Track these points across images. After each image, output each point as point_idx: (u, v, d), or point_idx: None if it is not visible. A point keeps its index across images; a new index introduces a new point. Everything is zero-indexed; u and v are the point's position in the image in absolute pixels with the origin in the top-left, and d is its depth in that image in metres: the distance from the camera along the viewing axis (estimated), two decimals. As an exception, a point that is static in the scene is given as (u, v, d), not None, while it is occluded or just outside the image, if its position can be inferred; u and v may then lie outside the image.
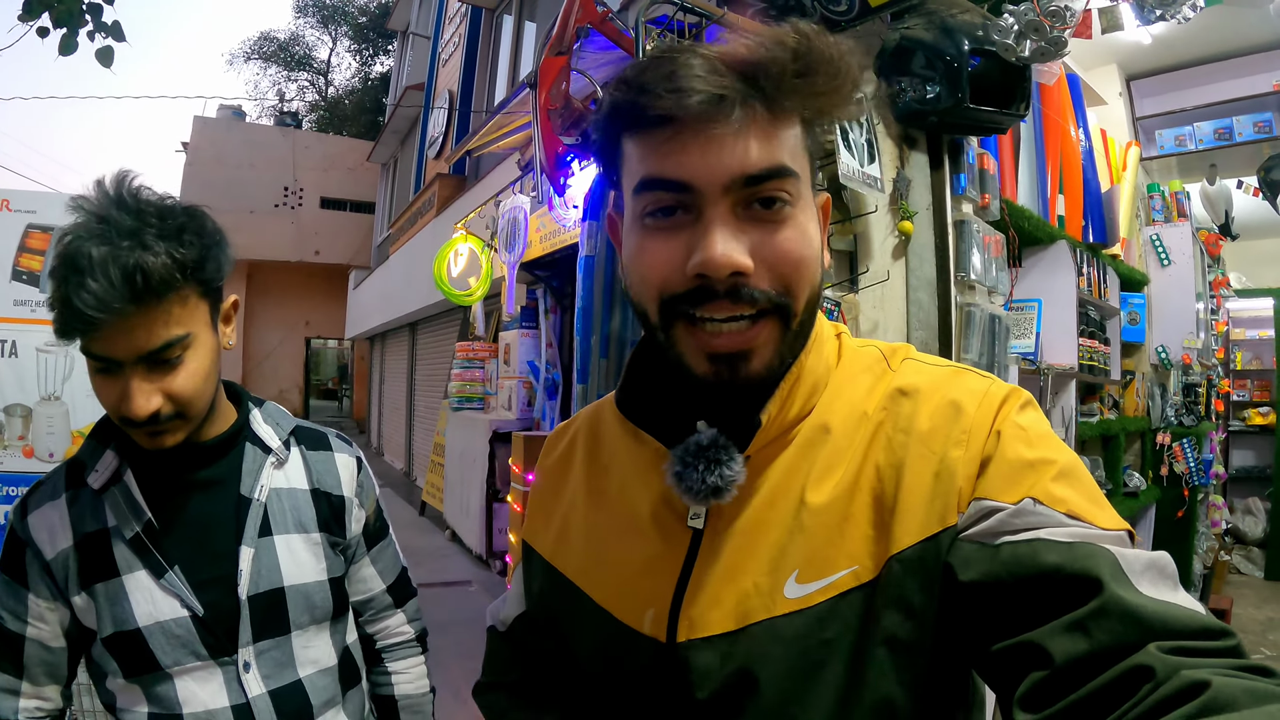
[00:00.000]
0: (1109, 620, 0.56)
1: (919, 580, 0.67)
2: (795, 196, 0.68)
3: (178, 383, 1.05)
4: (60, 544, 1.11)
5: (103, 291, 0.96)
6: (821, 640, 0.69)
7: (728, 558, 0.72)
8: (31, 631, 1.11)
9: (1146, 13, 2.40)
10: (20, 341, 2.81)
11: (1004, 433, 0.68)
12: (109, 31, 4.06)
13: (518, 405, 6.88)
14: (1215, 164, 5.11)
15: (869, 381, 0.76)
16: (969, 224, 2.45)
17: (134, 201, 1.03)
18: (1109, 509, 0.66)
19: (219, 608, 1.11)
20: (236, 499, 1.16)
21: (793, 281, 0.68)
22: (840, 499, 0.71)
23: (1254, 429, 7.53)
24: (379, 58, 27.80)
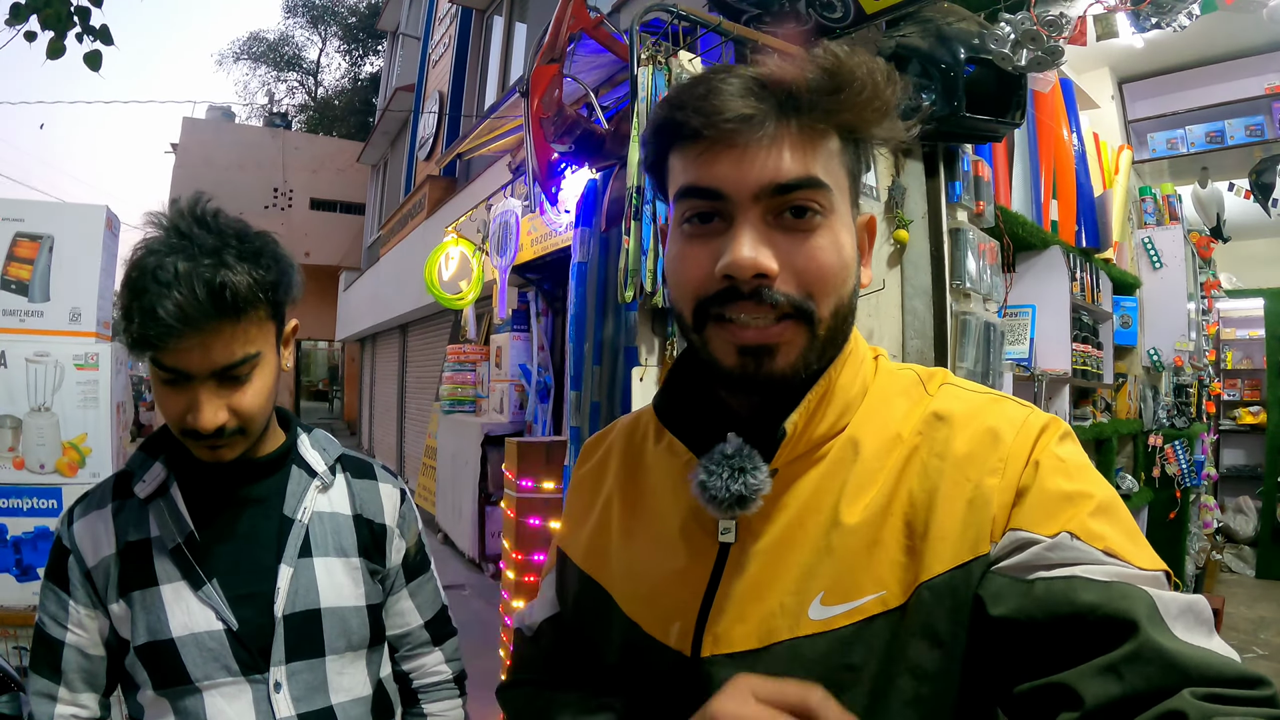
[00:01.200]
0: (1143, 665, 0.55)
1: (948, 609, 0.66)
2: (827, 208, 0.70)
3: (246, 399, 1.07)
4: (103, 552, 1.12)
5: (188, 304, 0.98)
6: (844, 665, 0.68)
7: (754, 575, 0.72)
8: (71, 638, 1.13)
9: (1142, 21, 2.40)
10: (9, 352, 2.78)
11: (1042, 463, 0.67)
12: (97, 35, 4.03)
13: (509, 408, 6.86)
14: (1207, 167, 5.13)
15: (905, 405, 0.76)
16: (964, 232, 2.45)
17: (214, 222, 1.07)
18: (1147, 547, 0.65)
19: (254, 624, 1.11)
20: (279, 519, 1.17)
21: (817, 288, 0.69)
22: (870, 522, 0.70)
23: (1245, 428, 7.57)
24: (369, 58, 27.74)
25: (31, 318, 2.84)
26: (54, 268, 2.85)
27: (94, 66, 4.05)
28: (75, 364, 2.82)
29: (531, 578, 3.81)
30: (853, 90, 0.68)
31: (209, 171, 18.84)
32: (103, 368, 2.83)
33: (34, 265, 2.86)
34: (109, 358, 2.84)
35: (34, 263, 2.86)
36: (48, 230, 2.86)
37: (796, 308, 0.69)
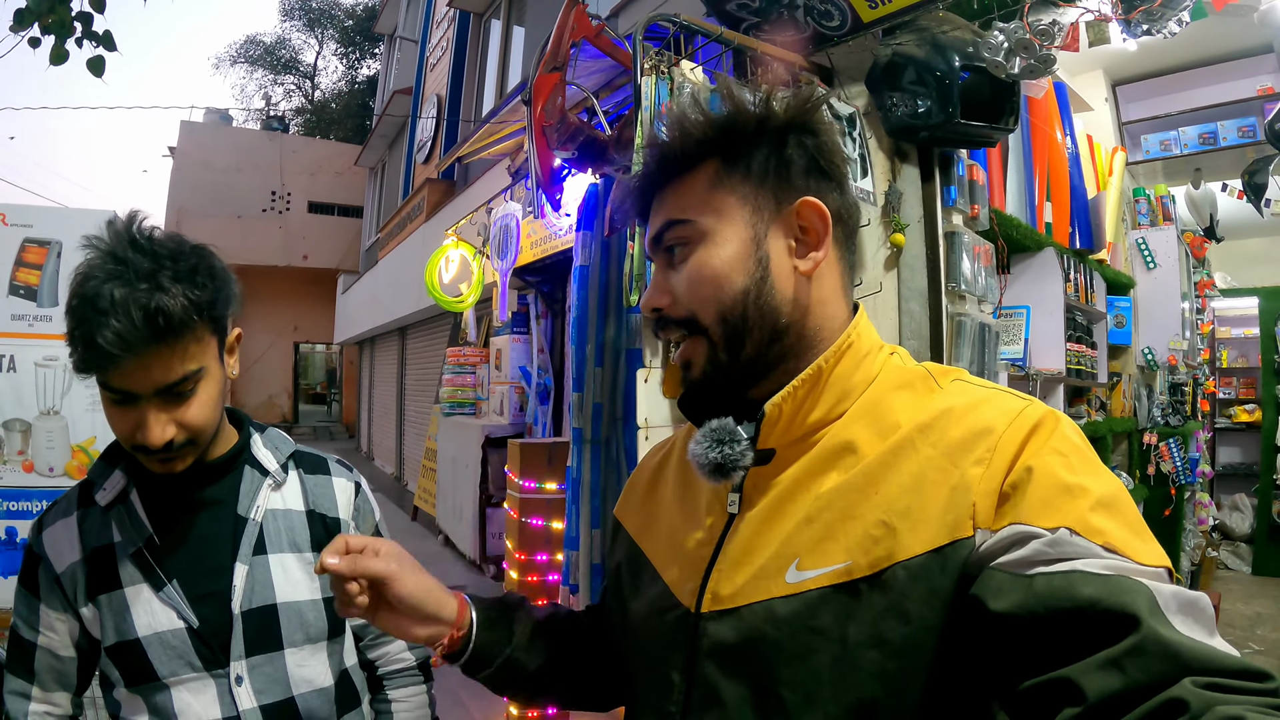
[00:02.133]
0: (1145, 658, 0.55)
1: (922, 590, 0.69)
2: (695, 237, 0.83)
3: (190, 413, 1.11)
4: (70, 558, 1.17)
5: (126, 331, 1.02)
6: (810, 626, 0.73)
7: (748, 541, 0.80)
8: (42, 640, 1.18)
9: (1134, 29, 2.44)
10: (18, 356, 2.81)
11: (1040, 456, 0.69)
12: (100, 40, 4.05)
13: (510, 410, 6.89)
14: (1200, 168, 5.17)
15: (908, 398, 0.80)
16: (959, 235, 2.49)
17: (148, 243, 1.09)
18: (1150, 541, 0.66)
19: (214, 621, 1.16)
20: (234, 518, 1.22)
21: (695, 305, 0.82)
22: (850, 496, 0.75)
23: (1240, 426, 7.61)
24: (366, 61, 27.73)
25: (40, 322, 2.87)
26: (62, 273, 2.89)
27: (97, 72, 4.07)
28: (84, 368, 2.85)
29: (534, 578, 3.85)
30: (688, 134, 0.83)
31: (207, 175, 18.85)
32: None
33: (42, 270, 2.90)
34: (117, 362, 2.87)
35: (42, 268, 2.90)
36: (55, 236, 2.90)
37: (686, 326, 0.83)
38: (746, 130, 0.82)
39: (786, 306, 0.81)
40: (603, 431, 3.14)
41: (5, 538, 2.79)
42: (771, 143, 0.83)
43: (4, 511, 2.80)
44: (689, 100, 0.88)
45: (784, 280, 0.82)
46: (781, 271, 0.82)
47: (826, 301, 0.84)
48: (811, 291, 0.83)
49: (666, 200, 0.85)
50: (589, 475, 3.14)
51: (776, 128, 0.83)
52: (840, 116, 2.37)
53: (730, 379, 0.83)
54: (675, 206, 0.84)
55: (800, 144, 0.83)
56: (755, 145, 0.83)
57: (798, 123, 0.83)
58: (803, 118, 0.83)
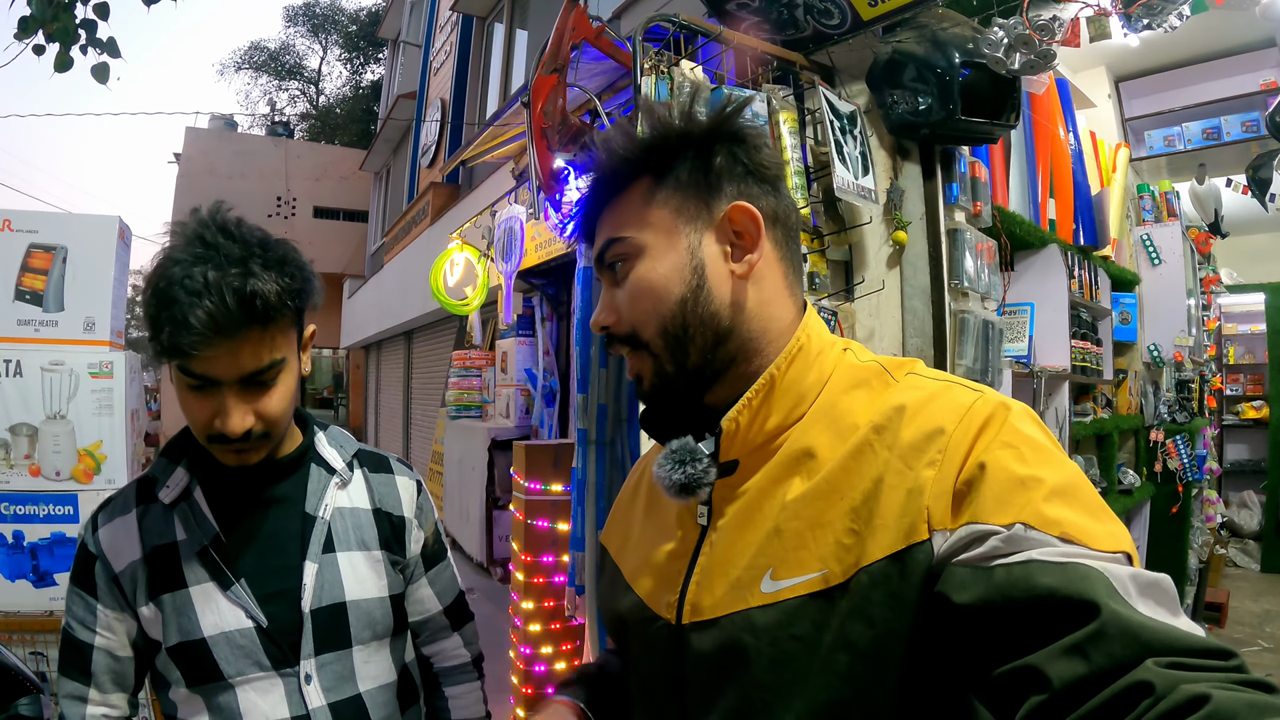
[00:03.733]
0: (1107, 642, 0.56)
1: (883, 594, 0.70)
2: (632, 252, 0.85)
3: (271, 404, 1.11)
4: (130, 556, 1.16)
5: (219, 313, 1.01)
6: (791, 635, 0.74)
7: (721, 552, 0.82)
8: (100, 641, 1.17)
9: (1134, 23, 2.44)
10: (25, 361, 2.82)
11: (991, 451, 0.69)
12: (104, 48, 4.06)
13: (516, 413, 6.90)
14: (1204, 163, 5.15)
15: (864, 396, 0.80)
16: (962, 232, 2.49)
17: (238, 231, 1.09)
18: (1108, 523, 0.66)
19: (283, 620, 1.16)
20: (302, 516, 1.22)
21: (635, 320, 0.84)
22: (817, 505, 0.76)
23: (1248, 423, 7.58)
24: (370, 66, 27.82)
25: (46, 327, 2.89)
26: (68, 278, 2.91)
27: (101, 79, 4.09)
28: (90, 372, 2.87)
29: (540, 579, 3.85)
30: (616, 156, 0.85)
31: (212, 181, 18.90)
32: (117, 376, 2.88)
33: (48, 276, 2.91)
34: (123, 366, 2.89)
35: (48, 273, 2.91)
36: (61, 241, 2.92)
37: (628, 341, 0.85)
38: (670, 144, 0.85)
39: (726, 310, 0.83)
40: (608, 432, 3.14)
41: (12, 541, 2.80)
42: (697, 153, 0.85)
43: (11, 515, 2.81)
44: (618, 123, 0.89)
45: (721, 285, 0.83)
46: (718, 277, 0.83)
47: (769, 302, 0.85)
48: (752, 293, 0.84)
49: (605, 220, 0.88)
50: (594, 476, 3.13)
51: (699, 138, 0.84)
52: (842, 114, 2.36)
53: (679, 389, 0.85)
54: (613, 225, 0.87)
55: (728, 151, 0.85)
56: (681, 157, 0.85)
57: (721, 130, 0.85)
58: (724, 125, 0.85)
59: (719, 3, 2.54)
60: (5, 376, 2.83)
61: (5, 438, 2.81)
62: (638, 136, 0.86)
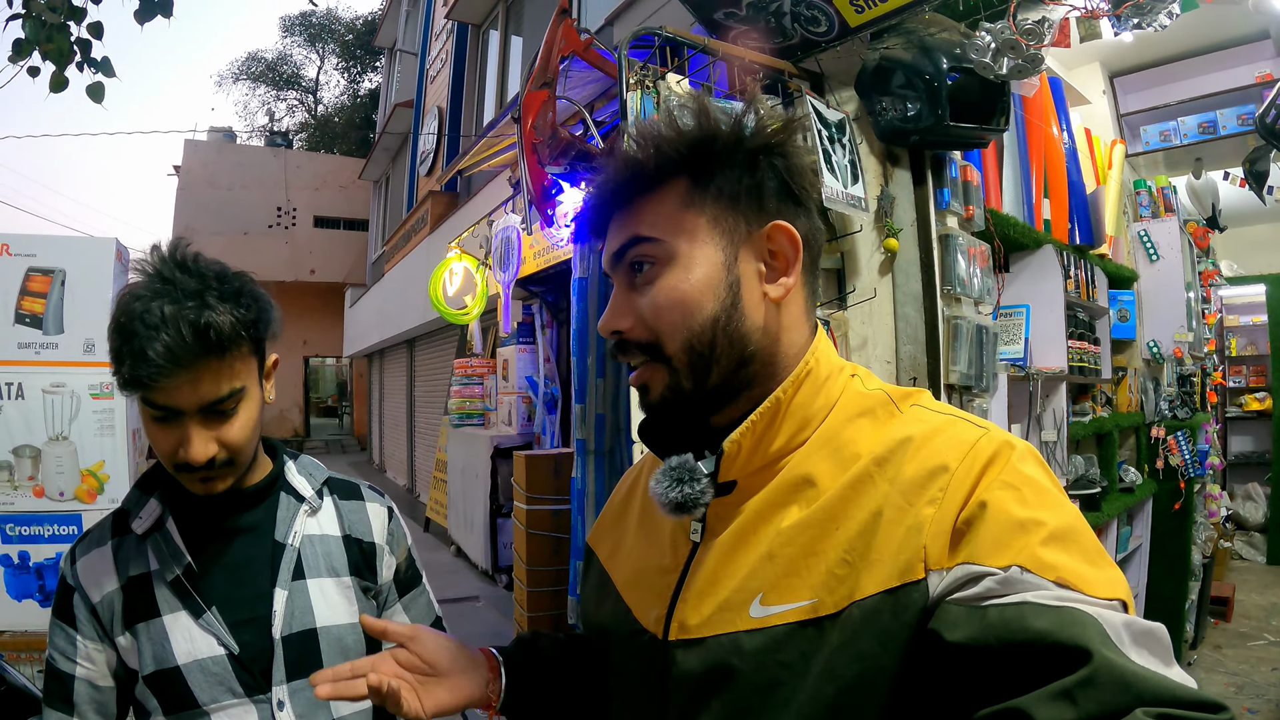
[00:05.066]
0: (1097, 689, 0.55)
1: (874, 630, 0.69)
2: (663, 257, 0.81)
3: (232, 432, 1.14)
4: (107, 587, 1.18)
5: (176, 344, 1.05)
6: (778, 662, 0.73)
7: (712, 571, 0.81)
8: (80, 671, 1.18)
9: (1124, 23, 2.44)
10: (26, 384, 2.84)
11: (992, 491, 0.69)
12: (99, 67, 4.08)
13: (518, 420, 6.91)
14: (1201, 158, 5.14)
15: (868, 425, 0.79)
16: (954, 237, 2.49)
17: (195, 265, 1.13)
18: (1106, 569, 0.66)
19: (254, 647, 1.17)
20: (272, 544, 1.23)
21: (660, 329, 0.80)
22: (811, 533, 0.75)
23: (1251, 414, 7.56)
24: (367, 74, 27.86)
25: (46, 350, 2.90)
26: (66, 300, 2.92)
27: (97, 99, 4.11)
28: (91, 393, 2.88)
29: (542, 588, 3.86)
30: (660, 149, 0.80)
31: (212, 193, 18.97)
32: (118, 396, 2.89)
33: (47, 299, 2.93)
34: (123, 387, 2.90)
35: (47, 296, 2.93)
36: (59, 264, 2.93)
37: (647, 351, 0.81)
38: (720, 149, 0.80)
39: (756, 334, 0.81)
40: (606, 442, 3.15)
41: (18, 562, 2.82)
42: (744, 164, 0.81)
43: (16, 536, 2.83)
44: (664, 114, 0.83)
45: (754, 307, 0.81)
46: (752, 298, 0.81)
47: (791, 327, 0.83)
48: (779, 319, 0.82)
49: (632, 216, 0.83)
50: (593, 485, 3.15)
51: (751, 149, 0.81)
52: (830, 123, 2.37)
53: (692, 406, 0.82)
54: (643, 223, 0.82)
55: (772, 166, 0.82)
56: (727, 165, 0.81)
57: (773, 145, 0.81)
58: (778, 140, 0.81)
59: (706, 12, 2.55)
60: (7, 399, 2.84)
61: (9, 459, 2.83)
62: (685, 131, 0.81)
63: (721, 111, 0.82)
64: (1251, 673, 4.51)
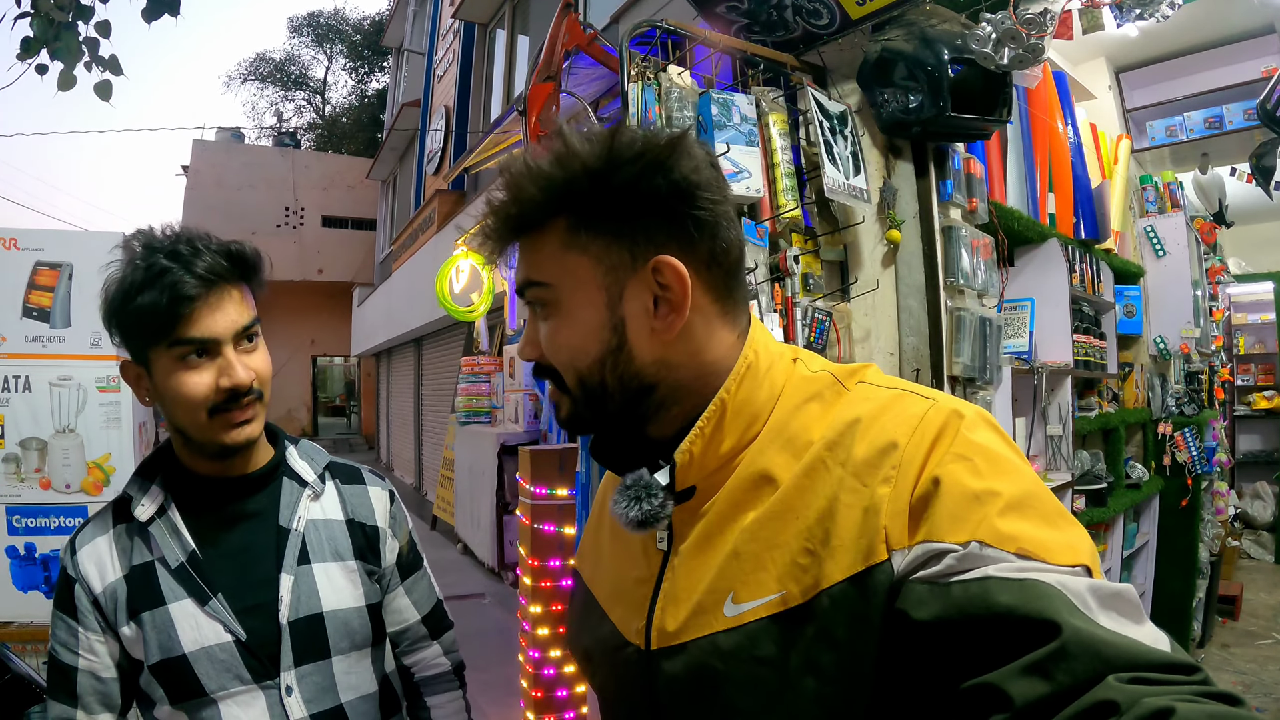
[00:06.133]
0: (1069, 660, 0.55)
1: (846, 616, 0.69)
2: (552, 300, 0.80)
3: (259, 361, 1.18)
4: (109, 577, 1.17)
5: (215, 264, 1.11)
6: (756, 658, 0.73)
7: (683, 577, 0.80)
8: (83, 663, 1.17)
9: (1125, 13, 2.44)
10: (34, 376, 2.87)
11: (944, 465, 0.68)
12: (106, 65, 4.10)
13: (524, 418, 6.92)
14: (1207, 153, 5.11)
15: (817, 409, 0.79)
16: (957, 229, 2.49)
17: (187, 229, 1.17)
18: (1068, 532, 0.65)
19: (261, 633, 1.17)
20: (276, 530, 1.23)
21: (555, 360, 0.82)
22: (772, 526, 0.75)
23: (1260, 413, 7.53)
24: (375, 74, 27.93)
25: (54, 343, 2.93)
26: (74, 294, 2.95)
27: (104, 97, 4.13)
28: (98, 386, 2.91)
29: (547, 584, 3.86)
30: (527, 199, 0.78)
31: (220, 193, 19.02)
32: (124, 389, 2.91)
33: (54, 293, 2.95)
34: (130, 380, 2.92)
35: (54, 290, 2.95)
36: (66, 258, 2.96)
37: (552, 378, 0.84)
38: (588, 186, 0.76)
39: (650, 369, 0.79)
40: (610, 436, 3.14)
41: (24, 553, 2.84)
42: (620, 194, 0.76)
43: (23, 528, 2.85)
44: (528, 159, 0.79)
45: (643, 343, 0.79)
46: (639, 335, 0.78)
47: (700, 350, 0.80)
48: (681, 347, 0.80)
49: (523, 256, 0.82)
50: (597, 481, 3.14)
51: (623, 179, 0.76)
52: (832, 114, 2.37)
53: (599, 427, 0.85)
54: (530, 266, 0.81)
55: (653, 189, 0.76)
56: (601, 199, 0.76)
57: (649, 166, 0.75)
58: (656, 158, 0.75)
59: (709, 6, 2.55)
60: (15, 392, 2.87)
61: (16, 452, 2.86)
62: (551, 176, 0.77)
63: (587, 141, 0.77)
64: (1259, 671, 4.49)
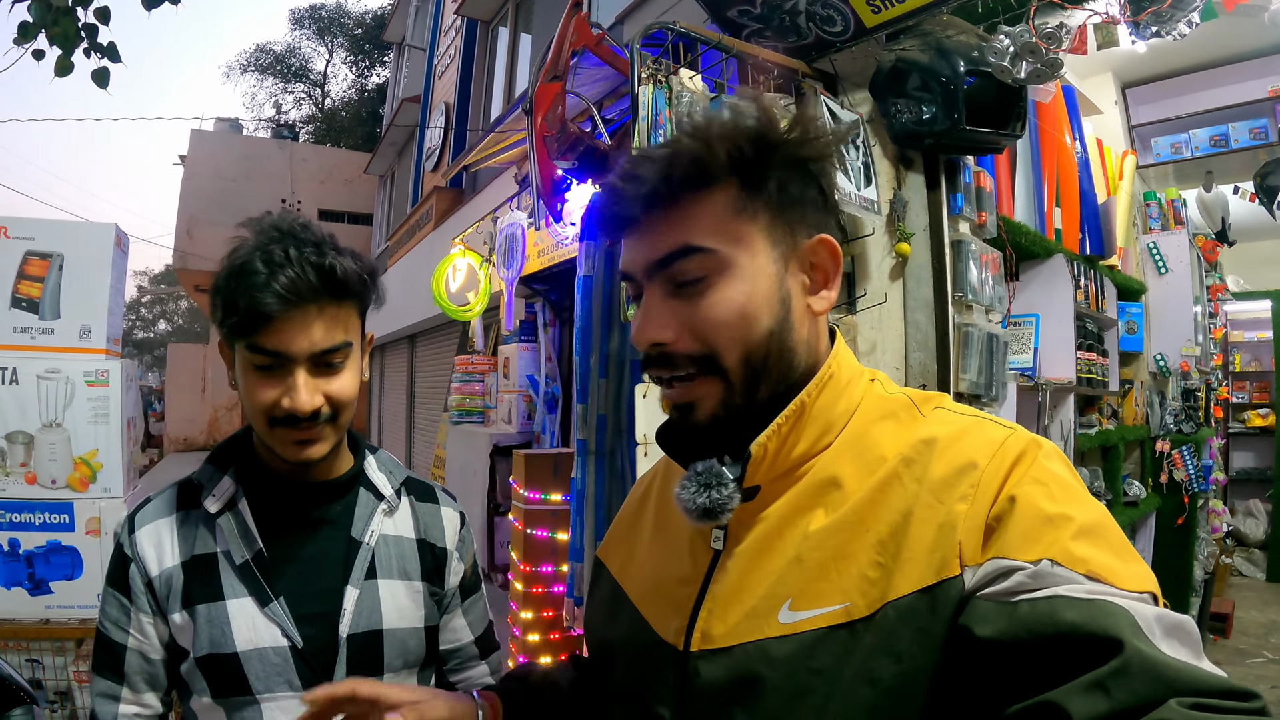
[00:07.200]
0: (1130, 680, 0.55)
1: (912, 630, 0.68)
2: (715, 267, 0.76)
3: (337, 386, 1.12)
4: (167, 562, 1.15)
5: (300, 279, 1.05)
6: (809, 668, 0.72)
7: (736, 579, 0.78)
8: (132, 642, 1.16)
9: (1143, 30, 2.40)
10: (21, 369, 2.81)
11: (1021, 487, 0.68)
12: (104, 52, 4.05)
13: (518, 419, 6.88)
14: (1211, 171, 5.12)
15: (892, 428, 0.79)
16: (966, 243, 2.46)
17: (311, 226, 1.14)
18: (1134, 564, 0.65)
19: (318, 642, 1.15)
20: (347, 540, 1.21)
21: (715, 342, 0.76)
22: (840, 537, 0.74)
23: (1254, 430, 7.55)
24: (375, 69, 27.86)
25: (42, 335, 2.86)
26: (64, 285, 2.88)
27: (102, 84, 4.08)
28: (86, 380, 2.85)
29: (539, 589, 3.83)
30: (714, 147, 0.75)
31: (217, 183, 18.92)
32: (113, 384, 2.86)
33: (44, 283, 2.89)
34: (119, 374, 2.87)
35: (44, 281, 2.89)
36: (57, 248, 2.89)
37: (699, 364, 0.77)
38: (778, 154, 0.77)
39: (802, 348, 0.80)
40: (607, 443, 3.11)
41: (8, 549, 2.78)
42: (796, 171, 0.78)
43: (7, 523, 2.79)
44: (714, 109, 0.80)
45: (800, 320, 0.80)
46: (799, 311, 0.79)
47: (821, 337, 0.83)
48: (817, 330, 0.82)
49: (678, 220, 0.77)
50: (593, 487, 3.11)
51: (803, 157, 0.78)
52: (843, 124, 2.34)
53: (740, 422, 0.79)
54: (694, 229, 0.76)
55: (811, 174, 0.79)
56: (781, 171, 0.78)
57: (823, 155, 0.79)
58: (829, 151, 0.79)
59: (721, 10, 2.52)
60: (2, 384, 2.81)
61: (1, 445, 2.80)
62: (746, 128, 0.76)
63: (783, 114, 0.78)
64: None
